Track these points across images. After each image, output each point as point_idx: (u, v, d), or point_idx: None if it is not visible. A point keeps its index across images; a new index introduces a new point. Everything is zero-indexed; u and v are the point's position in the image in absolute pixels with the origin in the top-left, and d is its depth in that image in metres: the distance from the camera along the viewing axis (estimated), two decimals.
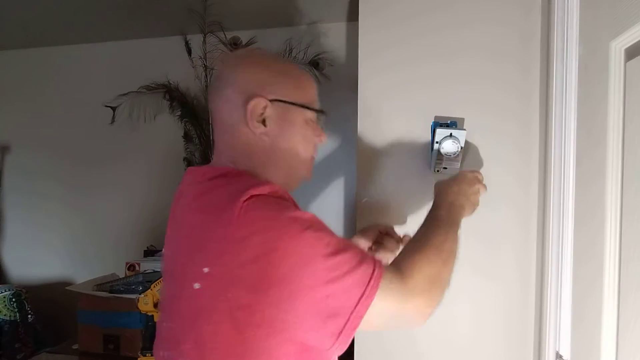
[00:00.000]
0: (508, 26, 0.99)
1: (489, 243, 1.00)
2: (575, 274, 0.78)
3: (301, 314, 0.61)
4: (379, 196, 1.04)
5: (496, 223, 1.00)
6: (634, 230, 0.59)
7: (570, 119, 0.80)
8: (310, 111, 0.78)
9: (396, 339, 1.04)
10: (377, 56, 1.05)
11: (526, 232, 0.98)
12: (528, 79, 0.99)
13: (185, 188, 0.77)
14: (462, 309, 1.01)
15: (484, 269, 1.00)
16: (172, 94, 2.15)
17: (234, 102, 0.74)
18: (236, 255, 0.62)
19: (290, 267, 0.60)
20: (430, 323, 1.03)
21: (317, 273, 0.61)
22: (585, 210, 0.74)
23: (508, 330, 0.99)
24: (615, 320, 0.63)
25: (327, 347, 0.63)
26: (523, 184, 0.99)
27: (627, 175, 0.61)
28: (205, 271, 0.64)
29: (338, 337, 0.61)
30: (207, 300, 0.64)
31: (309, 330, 0.62)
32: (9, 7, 1.94)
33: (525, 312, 0.98)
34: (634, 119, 0.59)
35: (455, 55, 1.01)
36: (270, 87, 0.74)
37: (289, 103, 0.76)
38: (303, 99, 0.78)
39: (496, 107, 1.00)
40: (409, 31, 1.04)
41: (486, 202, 1.00)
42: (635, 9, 0.58)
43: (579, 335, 0.75)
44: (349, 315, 0.61)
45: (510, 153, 0.99)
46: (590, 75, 0.72)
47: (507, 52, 0.99)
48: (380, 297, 0.62)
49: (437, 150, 0.96)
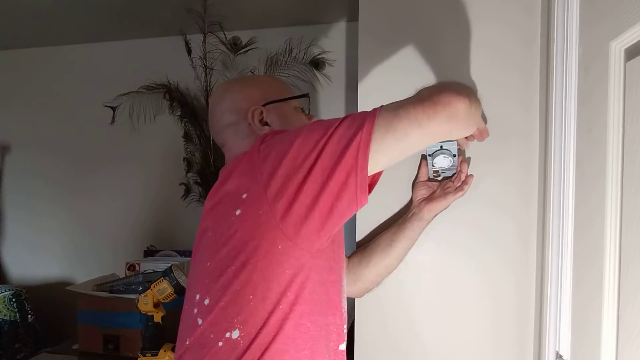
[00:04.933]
0: (509, 27, 0.99)
1: (489, 242, 1.00)
2: (575, 273, 0.78)
3: (328, 171, 0.68)
4: (378, 197, 1.04)
5: (496, 222, 1.00)
6: (635, 230, 0.59)
7: (570, 119, 0.80)
8: (295, 100, 0.93)
9: (396, 335, 1.04)
10: (377, 56, 1.05)
11: (526, 232, 0.98)
12: (528, 79, 0.98)
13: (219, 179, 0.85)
14: (462, 308, 1.01)
15: (484, 268, 1.00)
16: (172, 94, 2.15)
17: (234, 122, 0.89)
18: (264, 171, 0.71)
19: (304, 151, 0.69)
20: (430, 322, 1.04)
21: (326, 134, 0.69)
22: (586, 210, 0.74)
23: (508, 330, 0.99)
24: (616, 320, 0.63)
25: (353, 178, 0.68)
26: (523, 183, 0.99)
27: (627, 175, 0.61)
28: (244, 197, 0.73)
29: (357, 158, 0.67)
30: (248, 220, 0.72)
31: (335, 176, 0.68)
32: (9, 7, 1.93)
33: (525, 312, 0.98)
34: (634, 119, 0.59)
35: (455, 55, 1.01)
36: (257, 97, 0.89)
37: (277, 101, 0.89)
38: (284, 94, 0.92)
39: (496, 107, 1.00)
40: (409, 31, 1.04)
41: (486, 202, 1.00)
42: (635, 9, 0.58)
43: (579, 335, 0.75)
44: (360, 137, 0.67)
45: (510, 154, 0.99)
46: (590, 75, 0.72)
47: (509, 52, 0.99)
48: (386, 106, 0.71)
49: (431, 164, 0.95)
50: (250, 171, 0.74)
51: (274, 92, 0.91)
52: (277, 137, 0.75)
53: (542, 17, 0.97)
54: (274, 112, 0.88)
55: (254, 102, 0.88)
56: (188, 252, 2.07)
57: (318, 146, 0.69)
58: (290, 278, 0.73)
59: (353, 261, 1.00)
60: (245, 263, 0.72)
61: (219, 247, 0.75)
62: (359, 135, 0.67)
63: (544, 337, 0.89)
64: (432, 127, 0.69)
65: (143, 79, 2.18)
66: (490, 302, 1.00)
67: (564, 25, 0.82)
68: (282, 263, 0.72)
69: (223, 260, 0.74)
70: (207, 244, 0.79)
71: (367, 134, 0.67)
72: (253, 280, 0.72)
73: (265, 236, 0.72)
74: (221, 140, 0.93)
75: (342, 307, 0.84)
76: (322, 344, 0.78)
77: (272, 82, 0.99)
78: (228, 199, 0.76)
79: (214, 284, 0.75)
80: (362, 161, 0.67)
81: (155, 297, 1.37)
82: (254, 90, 0.91)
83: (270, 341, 0.72)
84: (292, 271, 0.73)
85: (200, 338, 0.75)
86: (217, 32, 1.99)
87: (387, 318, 1.04)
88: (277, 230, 0.71)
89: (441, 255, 1.02)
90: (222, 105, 0.91)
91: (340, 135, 0.68)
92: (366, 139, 0.67)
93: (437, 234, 1.01)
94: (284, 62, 2.04)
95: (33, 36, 2.30)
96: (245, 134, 0.87)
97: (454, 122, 0.72)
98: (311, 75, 2.06)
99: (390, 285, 1.03)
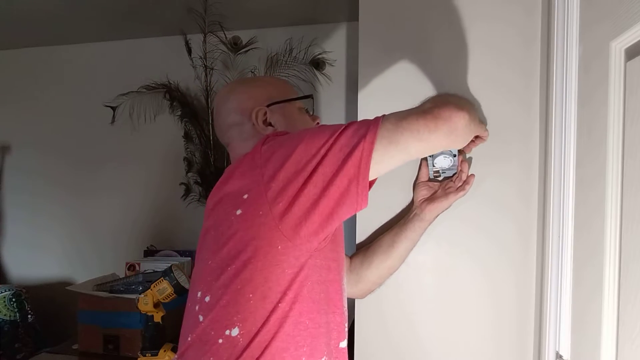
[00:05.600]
0: (509, 27, 0.99)
1: (490, 242, 1.00)
2: (575, 273, 0.78)
3: (329, 176, 0.70)
4: (380, 198, 1.04)
5: (496, 222, 1.00)
6: (635, 230, 0.59)
7: (570, 119, 0.80)
8: (299, 101, 0.94)
9: (396, 335, 1.04)
10: (377, 56, 1.05)
11: (526, 232, 0.98)
12: (528, 79, 0.98)
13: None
14: (462, 308, 1.01)
15: (484, 268, 1.00)
16: (172, 93, 2.15)
17: (239, 122, 0.90)
18: (265, 172, 0.73)
19: (306, 155, 0.71)
20: (431, 321, 1.04)
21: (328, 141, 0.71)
22: (586, 210, 0.74)
23: (508, 330, 0.99)
24: (616, 320, 0.63)
25: (355, 184, 0.69)
26: (523, 184, 0.99)
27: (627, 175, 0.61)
28: (245, 197, 0.74)
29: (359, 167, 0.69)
30: (248, 220, 0.73)
31: (336, 181, 0.70)
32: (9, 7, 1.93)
33: (525, 312, 0.98)
34: (635, 119, 0.59)
35: (455, 56, 1.01)
36: (261, 97, 0.90)
37: (281, 102, 0.90)
38: (287, 94, 0.93)
39: (497, 107, 1.00)
40: (410, 31, 1.04)
41: (486, 202, 1.00)
42: (635, 9, 0.58)
43: (579, 335, 0.75)
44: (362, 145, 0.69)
45: (510, 154, 0.99)
46: (591, 75, 0.72)
47: (509, 52, 0.99)
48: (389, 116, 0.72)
49: (431, 164, 0.95)
50: (251, 172, 0.75)
51: (278, 93, 0.92)
52: (279, 139, 0.77)
53: (542, 17, 0.97)
54: (278, 112, 0.89)
55: (258, 103, 0.89)
56: (188, 252, 2.08)
57: (320, 152, 0.70)
58: (290, 277, 0.74)
59: (355, 262, 1.00)
60: (245, 262, 0.73)
61: (220, 246, 0.77)
62: (362, 144, 0.69)
63: (544, 337, 0.89)
64: (433, 140, 0.72)
65: (143, 79, 2.18)
66: (491, 302, 1.00)
67: (564, 25, 0.82)
68: (281, 263, 0.73)
69: (224, 259, 0.75)
70: (209, 242, 0.80)
71: (369, 143, 0.69)
72: (253, 280, 0.73)
73: (265, 236, 0.73)
74: (226, 140, 0.94)
75: (342, 305, 0.85)
76: (322, 341, 0.78)
77: (276, 83, 1.00)
78: (229, 199, 0.77)
79: (215, 282, 0.76)
80: (364, 170, 0.69)
81: (155, 297, 1.37)
82: (259, 90, 0.92)
83: (270, 339, 0.73)
84: (292, 270, 0.74)
85: (202, 335, 0.76)
86: (217, 32, 1.99)
87: (387, 318, 1.04)
88: (277, 231, 0.72)
89: (441, 255, 1.02)
90: (227, 106, 0.92)
91: (343, 144, 0.70)
92: (369, 148, 0.69)
93: (438, 233, 1.01)
94: (284, 62, 2.04)
95: (33, 36, 2.30)
96: (250, 134, 0.88)
97: (453, 136, 0.74)
98: (311, 75, 2.06)
99: (390, 285, 1.03)
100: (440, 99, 0.90)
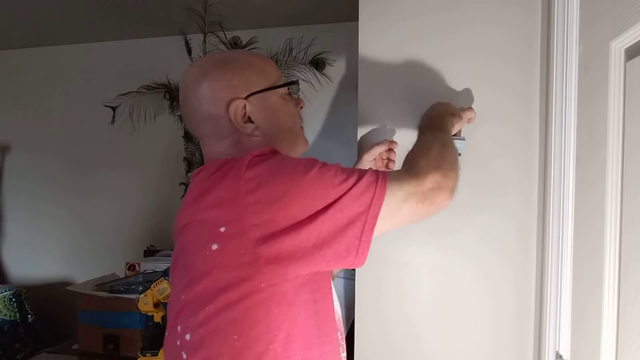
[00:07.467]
0: (509, 27, 0.99)
1: (490, 242, 1.00)
2: (575, 273, 0.78)
3: (325, 235, 0.66)
4: None
5: (496, 222, 1.00)
6: (635, 230, 0.59)
7: (570, 119, 0.80)
8: (282, 87, 0.83)
9: (396, 336, 1.04)
10: (377, 56, 1.05)
11: (526, 232, 0.98)
12: (528, 79, 0.98)
13: (191, 188, 0.78)
14: (462, 308, 1.01)
15: (484, 268, 1.00)
16: (172, 93, 2.15)
17: (214, 115, 0.78)
18: (250, 208, 0.66)
19: (303, 204, 0.66)
20: (431, 322, 1.04)
21: (329, 195, 0.66)
22: (586, 210, 0.74)
23: (508, 330, 0.99)
24: (616, 320, 0.63)
25: (353, 254, 0.67)
26: (523, 184, 0.99)
27: (627, 175, 0.61)
28: (222, 230, 0.67)
29: (360, 239, 0.66)
30: (227, 257, 0.67)
31: (333, 245, 0.66)
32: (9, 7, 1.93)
33: (525, 312, 0.98)
34: (635, 118, 0.59)
35: (455, 56, 1.01)
36: (239, 86, 0.78)
37: (261, 91, 0.79)
38: (270, 80, 0.81)
39: (497, 107, 1.00)
40: (410, 31, 1.04)
41: (486, 201, 1.00)
42: (635, 9, 0.58)
43: (579, 335, 0.75)
44: (365, 217, 0.66)
45: (510, 154, 0.99)
46: (590, 75, 0.72)
47: (509, 53, 0.99)
48: (393, 189, 0.68)
49: None
50: (230, 201, 0.67)
51: (257, 77, 0.80)
52: (267, 166, 0.69)
53: (542, 17, 0.97)
54: (258, 104, 0.79)
55: (236, 92, 0.77)
56: None
57: (316, 208, 0.66)
58: (277, 316, 0.69)
59: None
60: (226, 302, 0.68)
61: (193, 280, 0.70)
62: (364, 216, 0.66)
63: (544, 337, 0.89)
64: (424, 216, 0.73)
65: (143, 79, 2.18)
66: (490, 302, 1.00)
67: (564, 25, 0.82)
68: (266, 301, 0.68)
69: (200, 295, 0.69)
70: (180, 269, 0.75)
71: (372, 217, 0.67)
72: (237, 320, 0.68)
73: (248, 277, 0.67)
74: (198, 133, 0.83)
75: (334, 332, 0.79)
76: None
77: (255, 63, 0.83)
78: (202, 227, 0.70)
79: (193, 319, 0.70)
80: (364, 242, 0.67)
81: (155, 297, 1.37)
82: (236, 76, 0.79)
83: None
84: (279, 309, 0.69)
85: None
86: (217, 32, 1.99)
87: (387, 318, 1.04)
88: (260, 273, 0.67)
89: (441, 255, 1.02)
90: (199, 93, 0.79)
91: (344, 210, 0.66)
92: (371, 222, 0.67)
93: (437, 234, 1.01)
94: (284, 61, 2.04)
95: (33, 36, 2.30)
96: (227, 131, 0.78)
97: (438, 210, 0.75)
98: (311, 75, 2.06)
99: (390, 286, 1.03)
100: (436, 174, 0.72)
